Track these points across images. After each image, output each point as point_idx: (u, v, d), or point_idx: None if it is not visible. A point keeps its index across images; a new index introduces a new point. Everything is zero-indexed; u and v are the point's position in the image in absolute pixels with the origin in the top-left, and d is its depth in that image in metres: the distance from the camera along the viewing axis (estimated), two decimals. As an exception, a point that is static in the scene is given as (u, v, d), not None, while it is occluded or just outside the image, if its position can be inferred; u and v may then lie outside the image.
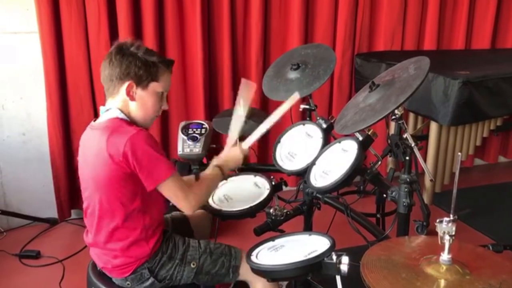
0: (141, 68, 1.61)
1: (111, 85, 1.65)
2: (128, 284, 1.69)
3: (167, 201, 1.73)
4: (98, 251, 1.72)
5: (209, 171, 1.80)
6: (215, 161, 1.84)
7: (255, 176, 2.12)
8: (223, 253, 1.77)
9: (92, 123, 1.73)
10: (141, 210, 1.64)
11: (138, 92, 1.64)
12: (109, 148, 1.56)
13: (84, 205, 1.73)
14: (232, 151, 1.88)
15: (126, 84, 1.62)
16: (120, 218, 1.62)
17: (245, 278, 1.77)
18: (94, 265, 1.79)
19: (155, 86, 1.66)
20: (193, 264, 1.72)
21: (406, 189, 1.92)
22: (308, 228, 2.22)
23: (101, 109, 1.71)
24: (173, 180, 1.62)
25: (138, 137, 1.56)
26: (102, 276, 1.75)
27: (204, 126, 2.71)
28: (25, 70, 2.97)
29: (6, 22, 2.88)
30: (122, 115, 1.64)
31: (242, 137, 1.96)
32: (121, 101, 1.65)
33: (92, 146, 1.64)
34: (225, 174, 1.82)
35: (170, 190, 1.63)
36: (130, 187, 1.60)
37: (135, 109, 1.66)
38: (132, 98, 1.64)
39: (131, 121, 1.66)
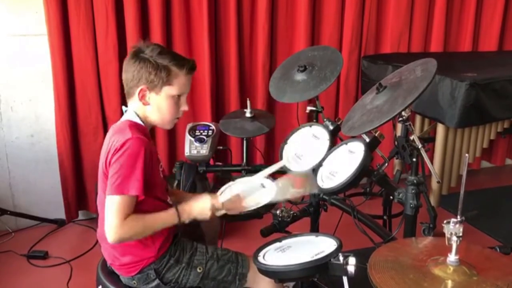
0: (151, 73, 1.61)
1: (128, 88, 1.67)
2: (134, 283, 1.70)
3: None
4: (107, 246, 1.72)
5: (166, 213, 1.64)
6: (183, 204, 1.67)
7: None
8: (230, 260, 1.76)
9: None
10: (142, 211, 1.60)
11: (152, 96, 1.65)
12: (110, 147, 1.59)
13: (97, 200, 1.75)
14: (202, 202, 1.69)
15: (139, 89, 1.64)
16: None
17: (252, 285, 1.77)
18: (104, 263, 1.81)
19: (168, 90, 1.64)
20: (199, 269, 1.72)
21: (413, 191, 1.92)
22: (314, 229, 2.22)
23: (123, 109, 1.74)
24: (118, 201, 1.52)
25: (130, 143, 1.54)
26: (111, 274, 1.77)
27: (211, 127, 2.72)
28: (34, 72, 2.99)
29: (15, 25, 2.90)
30: (136, 118, 1.67)
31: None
32: (137, 104, 1.68)
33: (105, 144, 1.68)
34: (182, 221, 1.64)
35: (108, 207, 1.54)
36: None
37: (151, 113, 1.68)
38: (145, 103, 1.65)
39: (146, 124, 1.69)
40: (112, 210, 1.54)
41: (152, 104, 1.66)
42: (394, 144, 2.37)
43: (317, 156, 2.05)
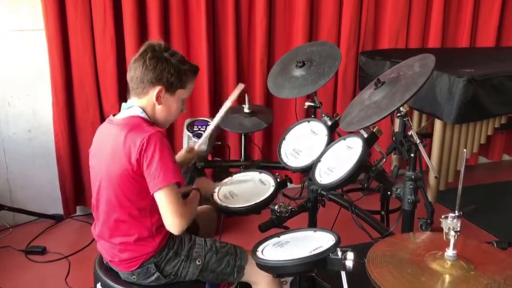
0: (174, 75, 1.67)
1: (140, 86, 1.68)
2: (134, 278, 1.70)
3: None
4: (105, 244, 1.73)
5: (192, 194, 1.84)
6: (194, 185, 1.91)
7: (260, 173, 2.13)
8: (228, 252, 1.78)
9: (111, 117, 1.75)
10: (148, 209, 1.65)
11: (166, 97, 1.69)
12: (126, 145, 1.58)
13: (94, 197, 1.74)
14: (203, 182, 1.98)
15: (157, 89, 1.66)
16: (126, 214, 1.64)
17: (249, 279, 1.79)
18: (101, 259, 1.81)
19: (181, 93, 1.72)
20: (199, 261, 1.73)
21: (411, 186, 1.93)
22: (312, 225, 2.23)
23: (123, 105, 1.74)
24: (172, 190, 1.59)
25: (155, 138, 1.58)
26: (109, 270, 1.77)
27: (209, 123, 2.72)
28: (31, 67, 2.98)
29: (12, 20, 2.89)
30: (143, 114, 1.68)
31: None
32: (147, 102, 1.69)
33: (109, 140, 1.66)
34: (202, 197, 1.87)
35: (165, 200, 1.59)
36: (139, 186, 1.61)
37: (159, 112, 1.71)
38: (159, 102, 1.69)
39: (151, 121, 1.70)
40: (171, 199, 1.59)
41: (164, 104, 1.70)
42: (392, 139, 2.37)
43: (315, 152, 2.06)
